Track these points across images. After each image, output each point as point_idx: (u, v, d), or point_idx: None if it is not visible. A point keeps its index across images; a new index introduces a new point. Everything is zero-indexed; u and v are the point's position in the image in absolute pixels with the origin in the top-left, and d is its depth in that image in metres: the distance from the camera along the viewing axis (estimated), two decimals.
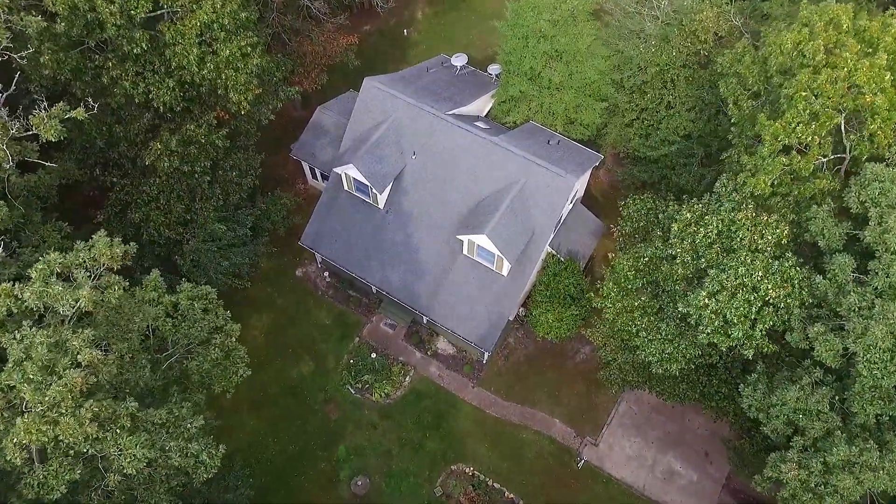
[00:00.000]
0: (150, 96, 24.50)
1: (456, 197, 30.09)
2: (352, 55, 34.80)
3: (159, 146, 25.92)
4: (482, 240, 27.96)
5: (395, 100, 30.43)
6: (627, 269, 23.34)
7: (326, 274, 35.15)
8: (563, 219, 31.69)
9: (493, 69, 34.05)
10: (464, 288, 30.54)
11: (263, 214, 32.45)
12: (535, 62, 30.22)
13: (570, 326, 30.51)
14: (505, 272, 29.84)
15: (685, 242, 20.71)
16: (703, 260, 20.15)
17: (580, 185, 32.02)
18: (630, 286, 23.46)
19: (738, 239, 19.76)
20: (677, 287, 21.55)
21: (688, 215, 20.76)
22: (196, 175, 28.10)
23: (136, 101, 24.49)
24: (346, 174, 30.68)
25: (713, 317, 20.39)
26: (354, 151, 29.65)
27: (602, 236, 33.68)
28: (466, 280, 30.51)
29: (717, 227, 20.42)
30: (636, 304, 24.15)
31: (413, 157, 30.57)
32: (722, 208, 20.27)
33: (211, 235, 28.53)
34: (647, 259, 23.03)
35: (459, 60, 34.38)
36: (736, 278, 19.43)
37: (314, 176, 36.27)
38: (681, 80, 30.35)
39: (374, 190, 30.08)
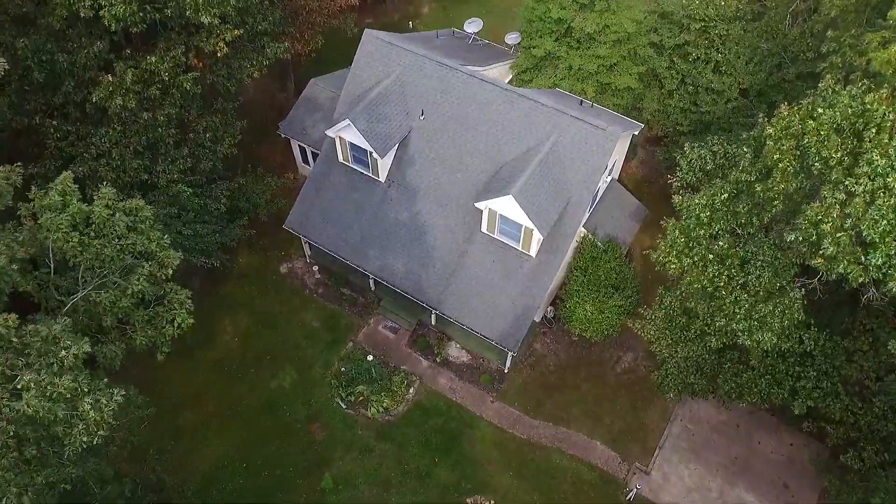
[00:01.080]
0: (101, 12, 19.69)
1: (473, 163, 24.90)
2: (351, 23, 30.43)
3: (111, 80, 20.89)
4: (507, 204, 22.54)
5: (400, 52, 25.70)
6: (701, 208, 17.79)
7: (316, 269, 29.47)
8: (598, 195, 26.49)
9: (511, 38, 29.47)
10: (482, 274, 24.89)
11: (241, 191, 27.11)
12: (564, 12, 25.78)
13: (614, 320, 24.67)
14: (533, 251, 24.28)
15: (785, 146, 15.14)
16: (817, 164, 14.49)
17: (618, 157, 26.89)
18: (703, 232, 17.82)
19: (873, 125, 14.17)
20: (775, 209, 15.73)
21: (787, 114, 15.38)
22: (159, 126, 22.92)
23: (83, 16, 19.65)
24: (340, 138, 25.56)
25: (837, 236, 14.35)
26: (351, 109, 24.67)
27: (642, 225, 28.40)
28: (486, 264, 24.89)
29: (836, 118, 14.84)
30: (711, 254, 18.03)
31: (421, 118, 25.55)
32: (839, 98, 14.89)
33: (174, 200, 23.08)
34: (726, 195, 17.41)
35: (473, 27, 29.94)
36: (872, 178, 13.83)
37: (305, 160, 31.14)
38: (731, 36, 25.88)
39: (374, 156, 24.89)
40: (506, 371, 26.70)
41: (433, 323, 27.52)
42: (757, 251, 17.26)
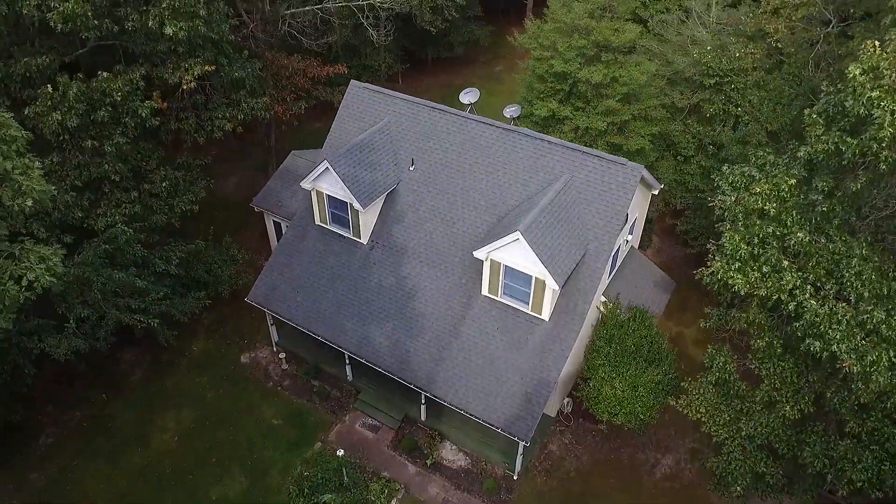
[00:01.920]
0: (49, 14, 17.05)
1: (471, 214, 21.19)
2: (339, 95, 28.38)
3: (50, 92, 17.78)
4: (513, 249, 18.47)
5: (389, 100, 23.08)
6: (765, 199, 13.38)
7: (283, 357, 24.45)
8: (618, 261, 22.49)
9: (510, 111, 27.17)
10: (483, 345, 20.09)
11: (199, 257, 22.97)
12: (568, 65, 23.67)
13: (651, 401, 19.45)
14: (546, 313, 19.72)
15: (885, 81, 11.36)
16: None
17: (639, 215, 23.18)
18: (773, 230, 13.33)
19: None
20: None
21: (875, 52, 11.84)
22: (105, 158, 19.47)
23: (27, 14, 16.98)
24: (317, 192, 22.10)
25: None
26: (332, 155, 21.44)
27: (669, 304, 24.07)
28: (488, 332, 20.19)
29: None
30: (786, 258, 13.30)
31: (411, 169, 22.27)
32: None
33: (109, 240, 18.81)
34: (794, 180, 13.16)
35: (469, 97, 27.82)
36: None
37: (280, 236, 27.44)
38: (750, 86, 23.59)
39: (355, 207, 21.20)
40: (515, 477, 20.83)
41: (423, 418, 22.08)
42: (851, 245, 13.00)
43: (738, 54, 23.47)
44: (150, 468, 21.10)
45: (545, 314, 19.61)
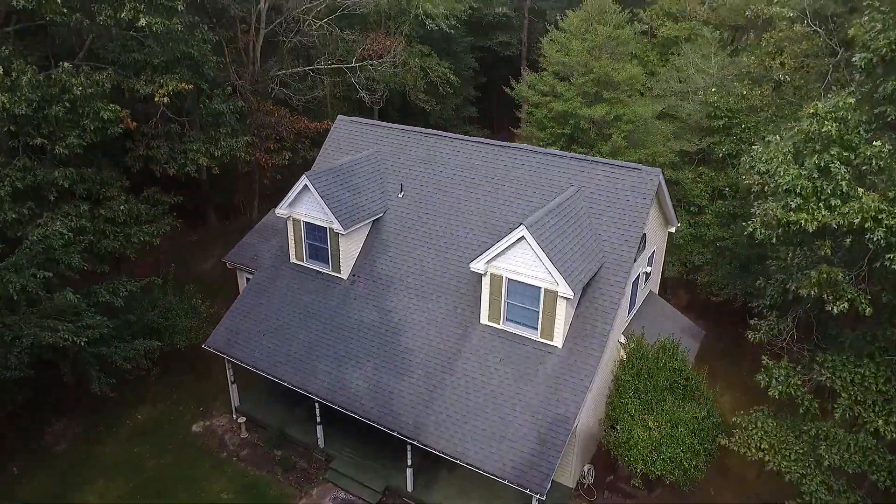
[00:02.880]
0: None
1: (467, 237, 18.33)
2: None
3: (1, 74, 15.73)
4: (516, 255, 15.49)
5: (378, 130, 21.21)
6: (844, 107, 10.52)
7: (243, 425, 20.04)
8: (636, 303, 19.27)
9: None
10: (484, 380, 16.22)
11: (152, 301, 19.65)
12: (569, 104, 22.23)
13: (696, 445, 15.20)
14: (559, 339, 16.14)
15: None
16: None
17: (657, 248, 20.23)
18: (838, 155, 10.30)
19: None
20: None
21: None
22: (56, 164, 16.98)
23: None
24: (293, 219, 19.42)
25: None
26: (312, 173, 19.05)
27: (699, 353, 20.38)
28: (488, 366, 16.41)
29: None
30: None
31: (400, 196, 19.79)
32: None
33: (43, 239, 15.50)
34: (853, 99, 10.52)
35: None
36: None
37: None
38: (762, 124, 21.96)
39: (335, 231, 18.44)
40: None
41: (410, 488, 17.48)
42: None
43: (745, 93, 22.18)
44: None
45: (558, 340, 16.09)
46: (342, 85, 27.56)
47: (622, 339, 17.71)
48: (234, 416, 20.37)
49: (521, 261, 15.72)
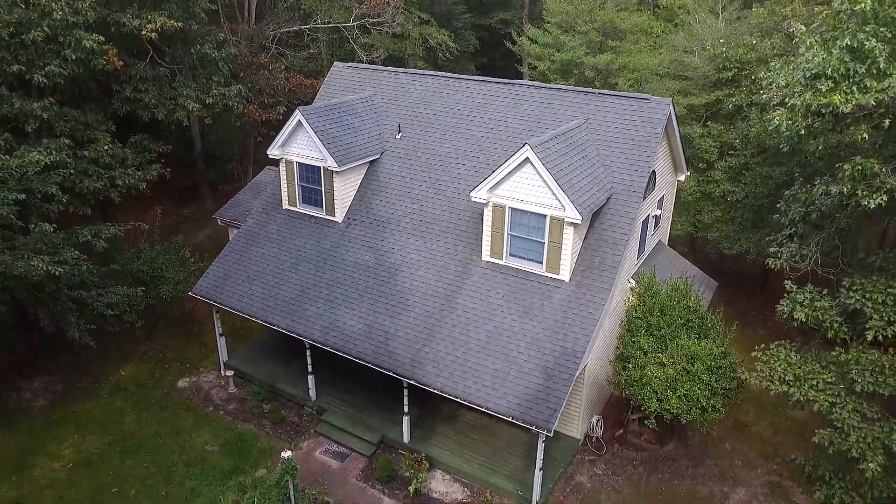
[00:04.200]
0: None
1: (467, 175, 17.20)
2: None
3: None
4: (520, 180, 14.41)
5: (377, 74, 20.22)
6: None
7: (231, 379, 18.79)
8: (645, 248, 18.14)
9: None
10: (486, 317, 15.02)
11: (138, 254, 18.52)
12: (573, 53, 21.26)
13: (714, 384, 13.97)
14: (565, 272, 14.99)
15: None
16: None
17: (666, 192, 19.11)
18: (874, 32, 9.30)
19: None
20: None
21: None
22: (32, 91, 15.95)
23: None
24: (286, 161, 18.32)
25: None
26: (306, 109, 17.98)
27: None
28: (490, 301, 15.24)
29: None
30: None
31: (398, 137, 18.75)
32: None
33: (20, 167, 14.39)
34: None
35: None
36: None
37: None
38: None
39: (329, 168, 17.35)
40: None
41: (406, 439, 16.21)
42: None
43: (754, 42, 21.21)
44: (23, 501, 14.85)
45: (565, 273, 14.94)
46: (339, 42, 26.61)
47: (632, 284, 16.57)
48: (222, 371, 19.14)
49: (526, 187, 14.63)
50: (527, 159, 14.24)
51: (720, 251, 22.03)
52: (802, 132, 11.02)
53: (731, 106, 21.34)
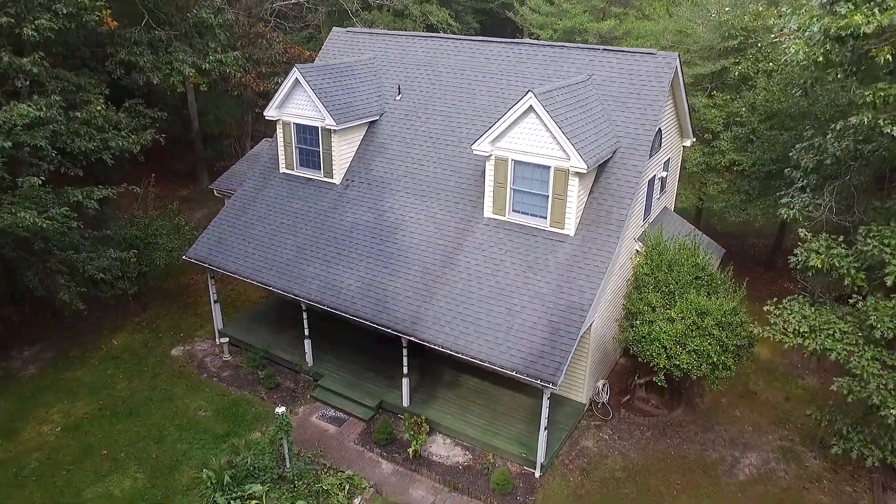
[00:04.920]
0: None
1: (468, 134, 16.73)
2: None
3: None
4: (524, 130, 13.85)
5: (376, 38, 19.76)
6: None
7: (225, 346, 18.22)
8: (651, 211, 17.60)
9: None
10: (488, 273, 14.44)
11: (132, 219, 17.99)
12: (576, 20, 20.79)
13: (725, 340, 13.40)
14: (570, 227, 14.43)
15: None
16: None
17: (673, 155, 18.56)
18: None
19: None
20: None
21: None
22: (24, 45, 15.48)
23: None
24: (283, 123, 17.78)
25: None
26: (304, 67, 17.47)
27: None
28: (493, 257, 14.67)
29: None
30: None
31: (397, 98, 18.25)
32: None
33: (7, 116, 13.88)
34: None
35: None
36: None
37: None
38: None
39: (327, 127, 16.82)
40: (537, 475, 14.00)
41: (406, 403, 15.62)
42: None
43: (760, 10, 20.76)
44: (8, 463, 14.26)
45: (570, 228, 14.40)
46: (339, 19, 26.12)
47: (638, 246, 16.03)
48: (217, 339, 18.56)
49: (529, 138, 14.11)
50: (530, 108, 13.73)
51: (727, 231, 21.51)
52: (820, 59, 10.51)
53: (737, 74, 20.86)
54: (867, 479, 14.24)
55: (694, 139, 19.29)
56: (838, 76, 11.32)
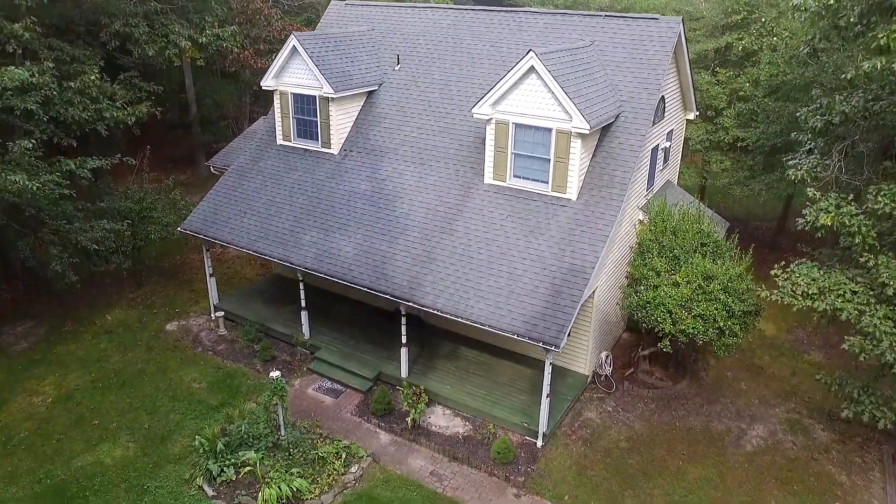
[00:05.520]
0: None
1: (468, 104, 16.37)
2: None
3: None
4: (525, 91, 13.49)
5: (376, 10, 19.43)
6: None
7: (221, 320, 17.83)
8: (654, 181, 17.24)
9: None
10: (490, 236, 14.06)
11: (126, 192, 17.66)
12: None
13: (732, 305, 13.01)
14: (572, 191, 14.05)
15: None
16: None
17: (677, 127, 18.22)
18: None
19: None
20: None
21: None
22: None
23: None
24: (280, 93, 17.42)
25: None
26: (301, 34, 17.14)
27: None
28: (493, 222, 14.28)
29: None
30: None
31: (396, 69, 17.91)
32: None
33: None
34: None
35: None
36: None
37: None
38: (786, 14, 20.10)
39: (324, 95, 16.45)
40: (539, 445, 13.60)
41: (404, 374, 15.24)
42: None
43: None
44: None
45: (572, 192, 14.05)
46: None
47: (641, 216, 15.68)
48: (212, 314, 18.19)
49: (530, 99, 13.76)
50: (532, 68, 13.39)
51: (732, 215, 21.17)
52: (831, 2, 10.16)
53: (740, 49, 20.52)
54: (877, 451, 13.86)
55: (697, 113, 18.95)
56: (851, 20, 10.92)
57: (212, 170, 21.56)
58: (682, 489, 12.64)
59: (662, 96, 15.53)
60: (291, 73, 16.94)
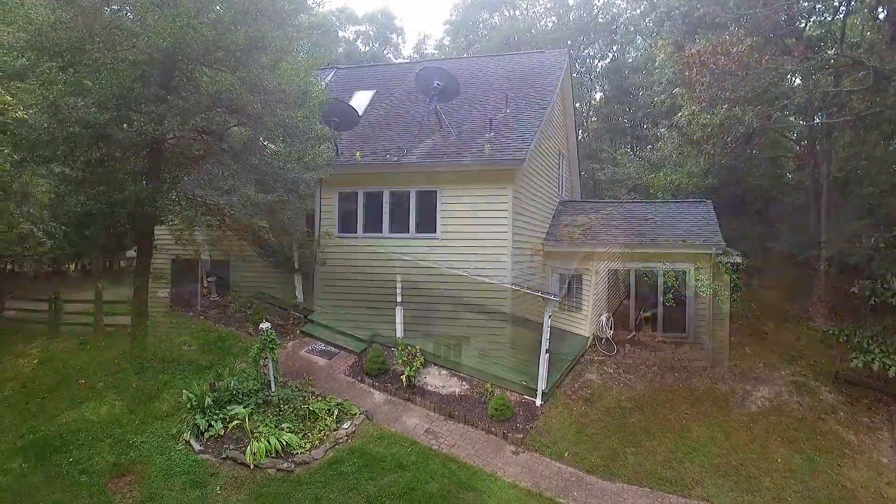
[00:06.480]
0: None
1: None
2: None
3: None
4: None
5: None
6: None
7: (213, 285, 17.43)
8: None
9: None
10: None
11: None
12: None
13: None
14: None
15: None
16: None
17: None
18: None
19: None
20: None
21: None
22: None
23: None
24: None
25: None
26: None
27: None
28: None
29: None
30: None
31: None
32: None
33: None
34: None
35: None
36: None
37: None
38: None
39: None
40: (538, 403, 13.17)
41: (400, 335, 14.83)
42: None
43: None
44: None
45: None
46: None
47: None
48: (205, 279, 17.79)
49: None
50: None
51: None
52: None
53: None
54: (885, 412, 13.45)
55: None
56: None
57: None
58: (685, 447, 12.21)
59: None
60: None
